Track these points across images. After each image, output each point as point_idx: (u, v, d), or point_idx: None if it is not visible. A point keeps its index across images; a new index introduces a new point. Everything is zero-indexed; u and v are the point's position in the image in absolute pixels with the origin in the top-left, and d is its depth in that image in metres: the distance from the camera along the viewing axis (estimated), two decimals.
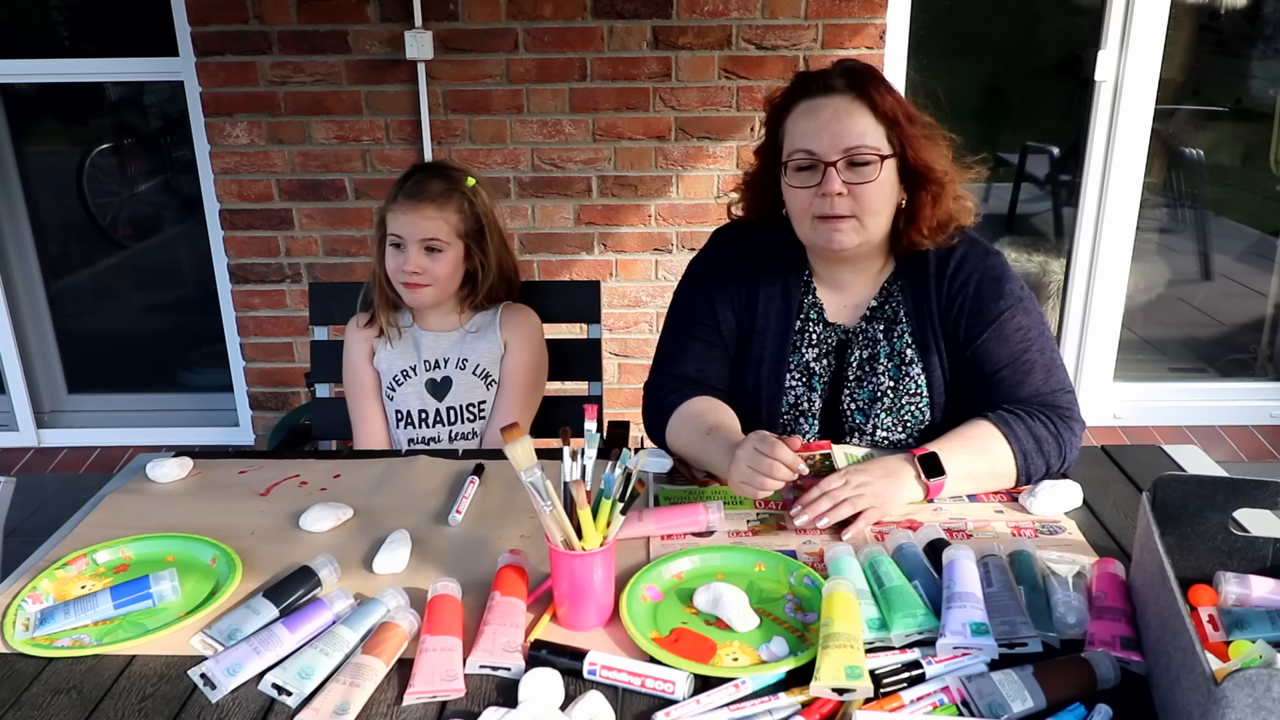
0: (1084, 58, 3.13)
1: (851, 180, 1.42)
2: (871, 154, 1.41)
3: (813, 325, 1.58)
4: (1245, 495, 1.13)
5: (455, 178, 1.80)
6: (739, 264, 1.61)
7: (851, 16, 2.92)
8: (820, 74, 1.46)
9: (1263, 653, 0.96)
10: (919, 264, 1.53)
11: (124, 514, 1.43)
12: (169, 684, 1.06)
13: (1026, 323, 1.48)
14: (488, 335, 1.86)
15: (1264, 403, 3.48)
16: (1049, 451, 1.42)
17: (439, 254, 1.77)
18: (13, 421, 3.49)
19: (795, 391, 1.58)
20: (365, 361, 1.89)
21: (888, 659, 1.06)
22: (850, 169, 1.41)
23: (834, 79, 1.44)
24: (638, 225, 3.15)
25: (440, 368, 1.85)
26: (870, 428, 1.56)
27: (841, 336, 1.58)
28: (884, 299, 1.56)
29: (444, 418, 1.84)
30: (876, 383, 1.55)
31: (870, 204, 1.43)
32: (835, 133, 1.41)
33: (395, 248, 1.77)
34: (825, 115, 1.42)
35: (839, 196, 1.42)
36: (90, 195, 3.55)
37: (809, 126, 1.43)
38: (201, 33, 2.94)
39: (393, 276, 1.79)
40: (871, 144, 1.41)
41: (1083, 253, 3.33)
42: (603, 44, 2.96)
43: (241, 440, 3.48)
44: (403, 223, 1.75)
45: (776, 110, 1.50)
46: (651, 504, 1.42)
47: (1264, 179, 3.59)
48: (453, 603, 1.15)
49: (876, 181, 1.42)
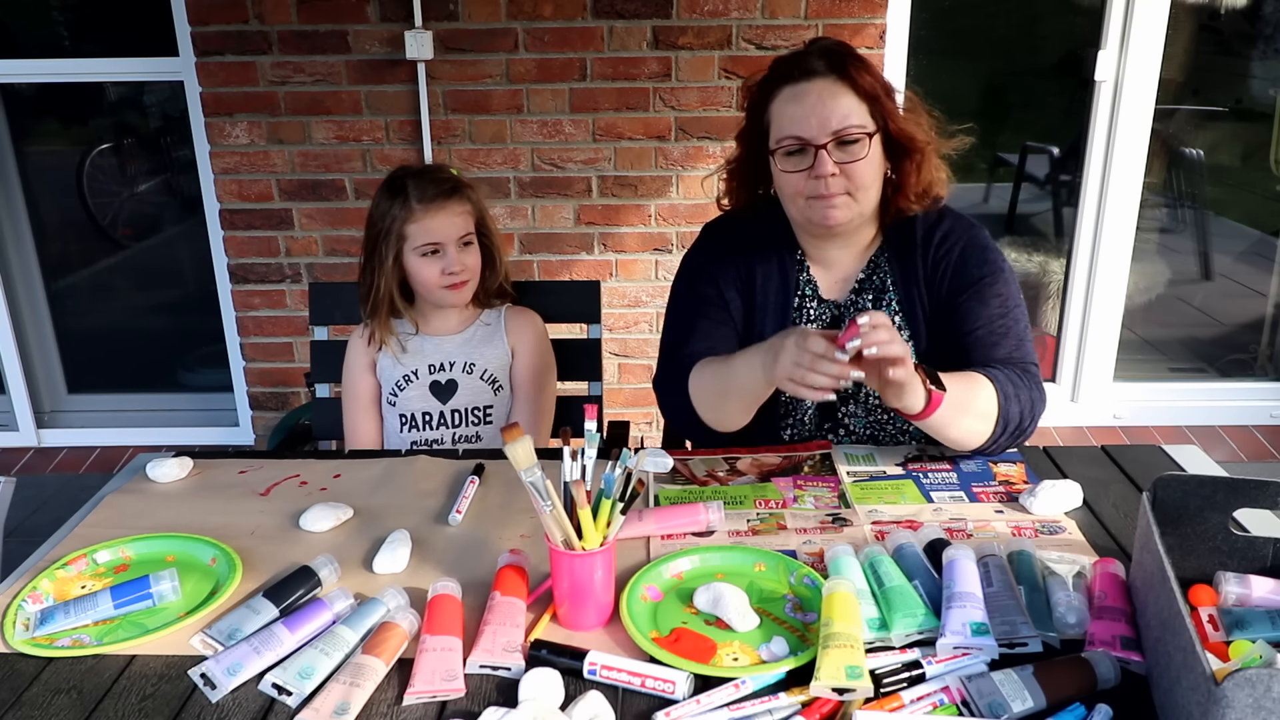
0: (1084, 58, 3.13)
1: (842, 160, 1.46)
2: (859, 132, 1.45)
3: (808, 301, 1.62)
4: (1245, 495, 1.13)
5: (446, 172, 1.81)
6: (735, 249, 1.64)
7: (851, 16, 2.92)
8: (798, 57, 1.49)
9: (1263, 653, 0.96)
10: (906, 235, 1.59)
11: (124, 514, 1.43)
12: (169, 684, 1.06)
13: (1005, 291, 1.54)
14: (495, 340, 1.86)
15: (1264, 403, 3.48)
16: (1023, 403, 1.46)
17: (471, 246, 1.79)
18: (13, 421, 3.49)
19: None
20: (365, 371, 1.88)
21: (888, 659, 1.06)
22: (840, 149, 1.46)
23: (813, 62, 1.47)
24: (638, 225, 3.15)
25: (445, 370, 1.84)
26: (862, 395, 1.61)
27: (835, 312, 1.62)
28: (871, 270, 1.61)
29: (448, 420, 1.84)
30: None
31: (861, 180, 1.48)
32: (822, 116, 1.45)
33: (431, 255, 1.75)
34: (810, 100, 1.46)
35: (832, 177, 1.46)
36: (90, 195, 3.55)
37: (796, 112, 1.47)
38: (201, 33, 2.94)
39: (432, 284, 1.77)
40: (857, 123, 1.46)
41: (1083, 253, 3.33)
42: (603, 44, 2.96)
43: (241, 440, 3.48)
44: (435, 227, 1.74)
45: (758, 97, 1.53)
46: (651, 504, 1.42)
47: (1264, 179, 3.59)
48: (453, 603, 1.15)
49: (866, 158, 1.46)
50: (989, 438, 1.46)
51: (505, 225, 3.14)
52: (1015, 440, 1.50)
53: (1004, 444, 1.49)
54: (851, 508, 1.40)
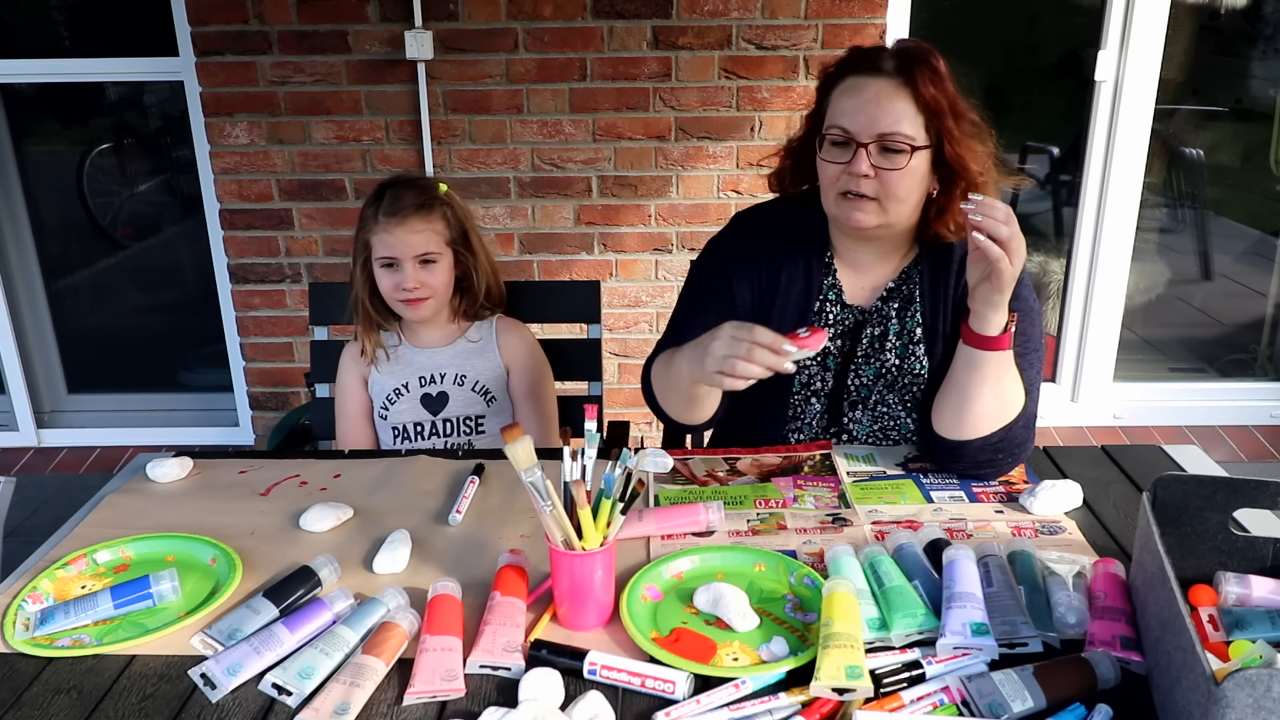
0: (1084, 58, 3.13)
1: (881, 165, 1.41)
2: (904, 142, 1.40)
3: (830, 306, 1.58)
4: (1245, 495, 1.13)
5: (429, 187, 1.79)
6: (761, 244, 1.60)
7: (851, 16, 2.92)
8: (873, 51, 1.46)
9: (1263, 653, 0.96)
10: (944, 253, 1.54)
11: (124, 514, 1.43)
12: (169, 684, 1.06)
13: (1030, 332, 1.48)
14: (486, 353, 1.86)
15: (1264, 403, 3.48)
16: (1025, 437, 1.45)
17: (434, 265, 1.76)
18: (13, 421, 3.49)
19: (809, 371, 1.59)
20: (358, 385, 1.88)
21: (888, 659, 1.06)
22: (881, 154, 1.41)
23: (884, 60, 1.43)
24: (638, 225, 3.15)
25: (436, 382, 1.84)
26: (872, 402, 1.58)
27: (858, 318, 1.58)
28: (903, 280, 1.57)
29: (439, 429, 1.83)
30: (883, 359, 1.56)
31: (895, 190, 1.43)
32: (872, 115, 1.41)
33: (388, 268, 1.75)
34: (866, 96, 1.42)
35: (865, 178, 1.42)
36: (90, 195, 3.55)
37: (849, 104, 1.43)
38: (201, 33, 2.94)
39: (389, 296, 1.77)
40: (906, 132, 1.40)
41: (1083, 253, 3.33)
42: (603, 44, 2.96)
43: (241, 440, 3.48)
44: (392, 242, 1.72)
45: (826, 81, 1.50)
46: (651, 504, 1.42)
47: (1264, 179, 3.59)
48: (453, 603, 1.15)
49: (905, 170, 1.41)
50: (984, 434, 1.42)
51: (505, 225, 3.14)
52: (986, 465, 1.45)
53: (981, 459, 1.44)
54: (851, 508, 1.40)
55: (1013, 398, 1.42)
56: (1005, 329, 1.37)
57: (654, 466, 1.17)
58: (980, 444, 1.43)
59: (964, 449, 1.44)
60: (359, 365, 1.87)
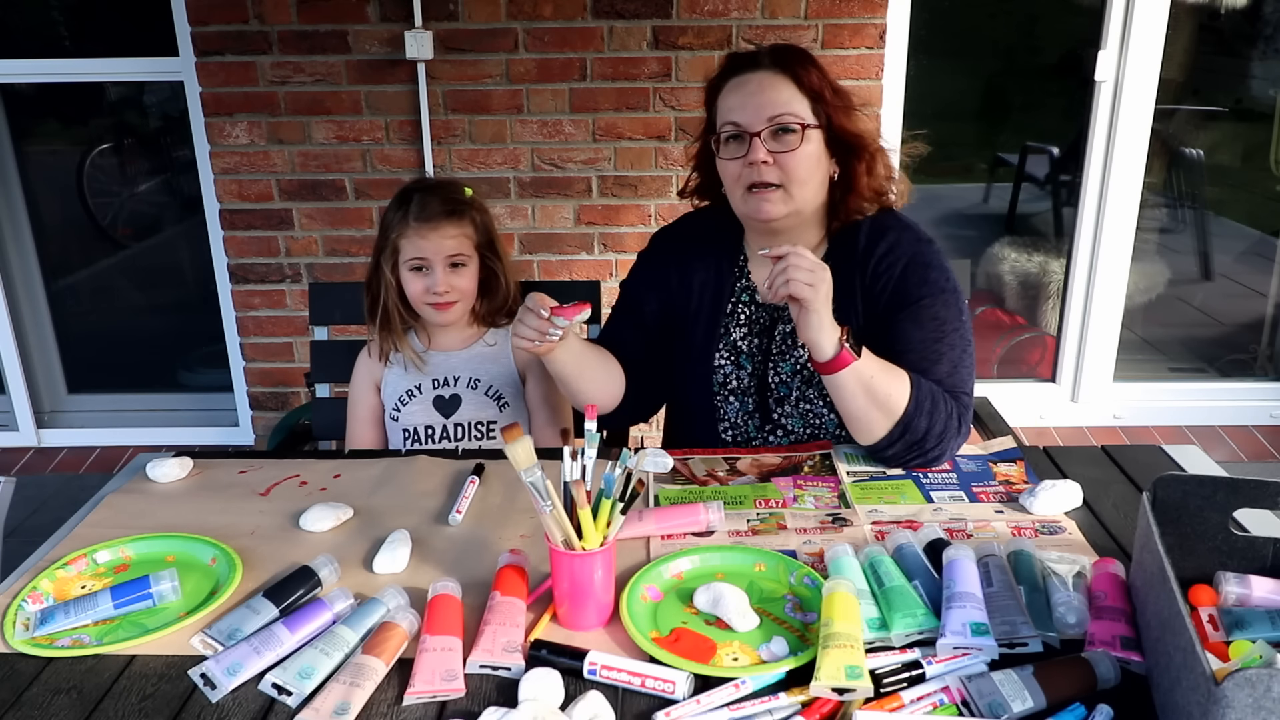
0: (1084, 58, 3.13)
1: (776, 149, 1.47)
2: (795, 121, 1.47)
3: (744, 307, 1.64)
4: (1245, 495, 1.13)
5: (457, 191, 1.79)
6: (670, 255, 1.70)
7: (851, 16, 2.92)
8: (749, 52, 1.55)
9: (1263, 653, 0.96)
10: (848, 244, 1.58)
11: (124, 514, 1.43)
12: (169, 684, 1.06)
13: (944, 314, 1.51)
14: (501, 359, 1.85)
15: (1264, 403, 3.48)
16: (934, 422, 1.44)
17: (463, 269, 1.77)
18: (13, 421, 3.49)
19: (724, 370, 1.64)
20: (369, 389, 1.87)
21: (888, 659, 1.06)
22: (775, 138, 1.48)
23: (761, 56, 1.52)
24: (638, 225, 3.15)
25: (449, 385, 1.83)
26: (794, 399, 1.62)
27: (772, 315, 1.63)
28: None
29: (450, 433, 1.83)
30: (797, 356, 1.60)
31: (796, 173, 1.48)
32: (760, 104, 1.48)
33: (417, 271, 1.75)
34: (750, 88, 1.50)
35: (765, 165, 1.47)
36: (90, 195, 3.55)
37: (736, 100, 1.51)
38: (201, 33, 2.94)
39: (419, 299, 1.77)
40: (795, 111, 1.47)
41: (1083, 253, 3.33)
42: (603, 44, 2.96)
43: (241, 440, 3.48)
44: (425, 245, 1.73)
45: (710, 90, 1.58)
46: (651, 504, 1.42)
47: (1264, 179, 3.59)
48: (453, 603, 1.15)
49: (801, 151, 1.47)
50: (884, 435, 1.44)
51: (505, 225, 3.14)
52: (912, 455, 1.46)
53: (899, 453, 1.46)
54: (851, 508, 1.40)
55: (889, 398, 1.42)
56: (840, 346, 1.38)
57: (654, 466, 1.17)
58: (886, 442, 1.46)
59: (876, 449, 1.48)
60: (372, 369, 1.87)
